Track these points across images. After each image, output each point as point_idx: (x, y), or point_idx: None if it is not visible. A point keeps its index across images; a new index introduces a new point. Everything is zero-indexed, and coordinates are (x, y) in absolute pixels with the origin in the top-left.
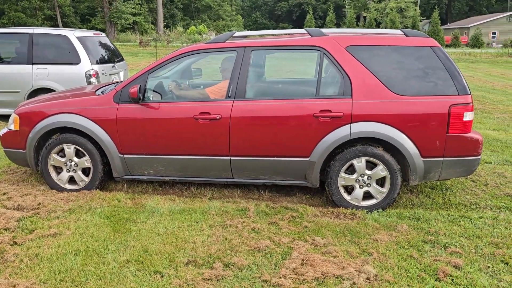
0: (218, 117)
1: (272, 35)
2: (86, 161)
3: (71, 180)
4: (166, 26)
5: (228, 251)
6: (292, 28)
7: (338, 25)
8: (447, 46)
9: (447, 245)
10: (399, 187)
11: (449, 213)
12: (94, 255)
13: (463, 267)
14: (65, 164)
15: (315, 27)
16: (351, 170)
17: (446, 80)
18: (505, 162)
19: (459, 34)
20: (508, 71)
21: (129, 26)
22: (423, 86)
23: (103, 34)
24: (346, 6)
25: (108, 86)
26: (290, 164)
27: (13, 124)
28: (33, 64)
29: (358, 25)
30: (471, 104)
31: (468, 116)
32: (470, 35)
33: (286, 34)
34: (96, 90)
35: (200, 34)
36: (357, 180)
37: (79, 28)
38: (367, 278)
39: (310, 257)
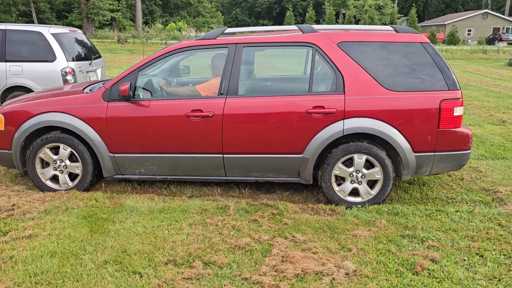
0: (210, 115)
1: (263, 31)
2: (76, 168)
3: (54, 178)
4: (145, 23)
5: (208, 249)
6: (272, 25)
7: (317, 22)
8: None
9: (424, 239)
10: (387, 194)
11: (426, 208)
12: (71, 256)
13: (440, 260)
14: (54, 162)
15: (294, 24)
16: (347, 164)
17: (436, 75)
18: (480, 157)
19: (436, 31)
20: (483, 67)
21: (107, 22)
22: (414, 81)
23: (79, 31)
24: (326, 3)
25: (96, 84)
26: (283, 161)
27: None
28: (6, 61)
29: (337, 22)
30: (461, 99)
31: (458, 111)
32: (447, 32)
33: (277, 30)
34: (84, 88)
35: (180, 31)
36: (351, 175)
37: (55, 24)
38: (347, 274)
39: (290, 253)
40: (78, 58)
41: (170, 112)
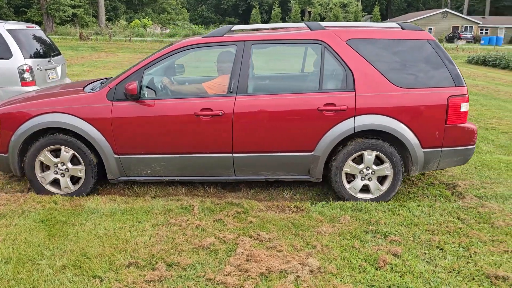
0: (220, 113)
1: (271, 29)
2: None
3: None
4: (108, 19)
5: (172, 250)
6: (238, 22)
7: (283, 20)
8: None
9: (387, 234)
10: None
11: (389, 203)
12: (27, 262)
13: (401, 254)
14: (55, 165)
15: (260, 22)
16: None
17: (443, 72)
18: None
19: None
20: None
21: (69, 18)
22: (422, 78)
23: (37, 27)
24: (292, 1)
25: (96, 83)
26: (293, 159)
27: None
28: None
29: (303, 20)
30: (466, 95)
31: (464, 107)
32: None
33: (284, 27)
34: (84, 87)
35: (145, 27)
36: (361, 171)
37: (13, 20)
38: (311, 271)
39: (255, 252)
40: (36, 55)
41: (179, 111)
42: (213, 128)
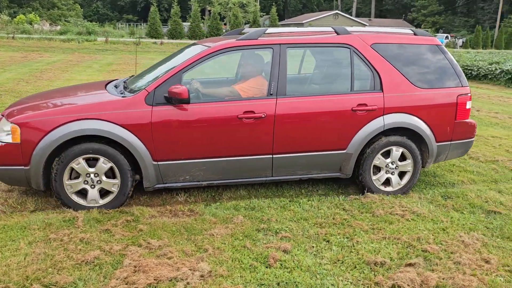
0: (263, 116)
1: (301, 32)
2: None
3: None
4: None
5: (50, 269)
6: (138, 19)
7: (184, 19)
8: None
9: (278, 230)
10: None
11: (282, 200)
12: None
13: (291, 250)
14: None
15: (160, 19)
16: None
17: (451, 73)
18: None
19: None
20: None
21: None
22: (436, 79)
23: None
24: (191, 0)
25: (114, 84)
26: (327, 158)
27: (10, 136)
28: None
29: (203, 19)
30: (469, 94)
31: (468, 105)
32: None
33: (312, 32)
34: (106, 90)
35: (31, 24)
36: (387, 165)
37: None
38: (201, 276)
39: (143, 262)
40: None
41: (221, 114)
42: (255, 130)
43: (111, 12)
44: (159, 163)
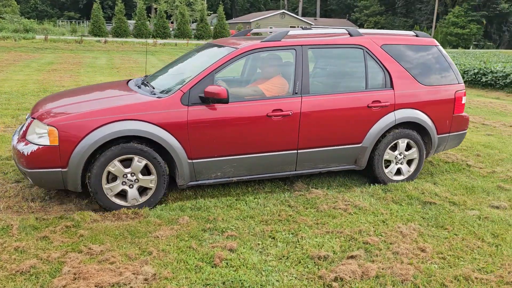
0: (290, 113)
1: (318, 34)
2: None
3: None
4: None
5: None
6: (79, 17)
7: (129, 16)
8: None
9: (224, 229)
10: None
11: (228, 199)
12: None
13: (237, 248)
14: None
15: (103, 17)
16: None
17: (449, 71)
18: None
19: (242, 28)
20: None
21: None
22: (437, 77)
23: None
24: None
25: (134, 82)
26: (345, 151)
27: (47, 138)
28: None
29: (149, 17)
30: (464, 90)
31: (464, 100)
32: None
33: (328, 33)
34: (136, 90)
35: None
36: (396, 157)
37: None
38: (145, 279)
39: (83, 269)
40: None
41: (253, 112)
42: (282, 127)
43: (50, 8)
44: (193, 161)
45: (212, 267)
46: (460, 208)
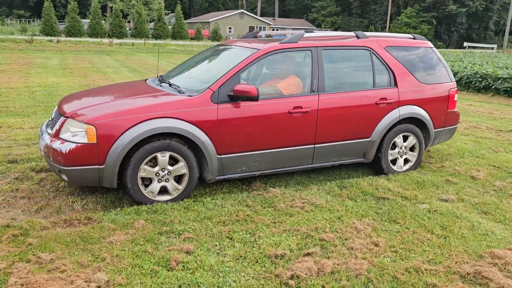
0: (309, 110)
1: (329, 36)
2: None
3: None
4: None
5: None
6: (30, 16)
7: (83, 15)
8: (191, 39)
9: (181, 232)
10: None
11: (185, 201)
12: None
13: (194, 251)
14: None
15: (56, 16)
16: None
17: (443, 71)
18: None
19: (201, 27)
20: None
21: None
22: (433, 76)
23: None
24: None
25: (154, 81)
26: (355, 145)
27: (85, 136)
28: None
29: (104, 16)
30: (456, 88)
31: (456, 97)
32: (211, 29)
33: (338, 36)
34: (161, 89)
35: None
36: (401, 148)
37: None
38: (98, 287)
39: (32, 279)
40: None
41: (276, 110)
42: (302, 123)
43: None
44: (222, 156)
45: (168, 270)
46: (411, 202)
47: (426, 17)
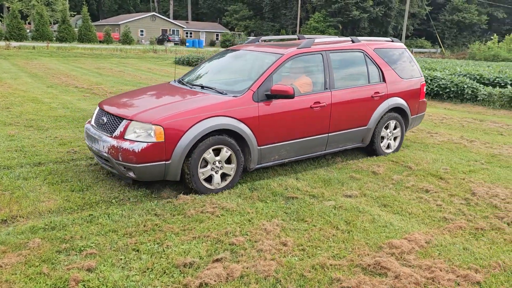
0: (325, 104)
1: (330, 41)
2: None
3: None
4: None
5: None
6: None
7: None
8: (100, 42)
9: (82, 248)
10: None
11: (89, 213)
12: None
13: (96, 267)
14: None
15: None
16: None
17: (415, 67)
18: None
19: (111, 30)
20: (154, 65)
21: None
22: (409, 72)
23: None
24: None
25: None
26: (357, 133)
27: (153, 136)
28: None
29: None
30: (424, 81)
31: (424, 89)
32: (121, 31)
33: (338, 40)
34: (200, 91)
35: None
36: (387, 134)
37: None
38: None
39: None
40: None
41: (302, 105)
42: (320, 116)
43: None
44: (261, 147)
45: None
46: (318, 200)
47: (333, 21)
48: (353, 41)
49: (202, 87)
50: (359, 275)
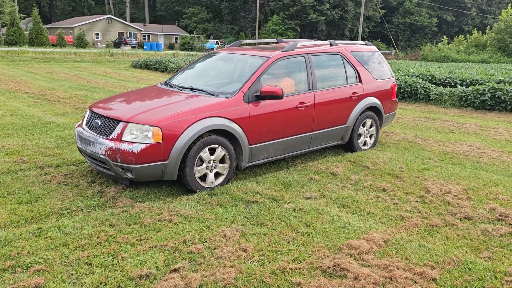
0: (309, 104)
1: (311, 45)
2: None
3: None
4: None
5: None
6: None
7: None
8: (53, 45)
9: (30, 264)
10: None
11: (39, 227)
12: None
13: (45, 284)
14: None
15: None
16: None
17: (387, 68)
18: None
19: (64, 33)
20: (110, 69)
21: None
22: (381, 73)
23: None
24: None
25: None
26: (337, 131)
27: (151, 137)
28: None
29: None
30: (395, 82)
31: (395, 89)
32: (75, 34)
33: (318, 44)
34: (193, 93)
35: None
36: (364, 132)
37: None
38: None
39: None
40: None
41: (289, 105)
42: (304, 115)
43: None
44: (251, 146)
45: None
46: (278, 203)
47: (291, 24)
48: (331, 45)
49: (192, 89)
50: (319, 278)
